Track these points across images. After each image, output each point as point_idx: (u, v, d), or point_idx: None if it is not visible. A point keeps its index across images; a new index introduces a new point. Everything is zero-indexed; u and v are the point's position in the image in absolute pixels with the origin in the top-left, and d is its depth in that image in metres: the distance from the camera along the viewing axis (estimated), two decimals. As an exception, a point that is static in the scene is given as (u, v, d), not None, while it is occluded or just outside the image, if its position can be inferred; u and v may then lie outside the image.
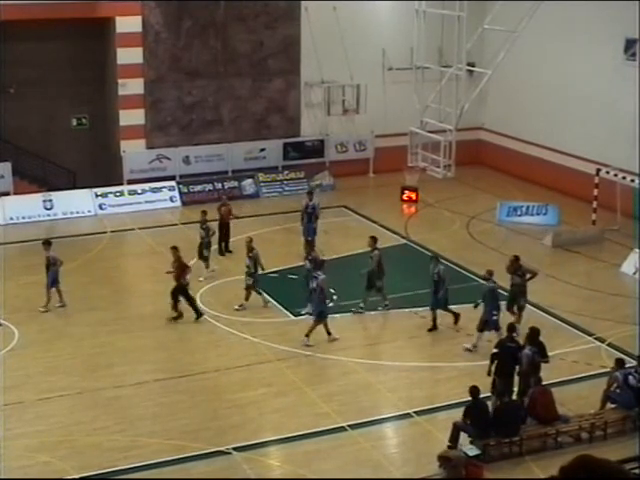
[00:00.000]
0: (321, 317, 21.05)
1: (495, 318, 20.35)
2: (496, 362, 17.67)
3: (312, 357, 20.44)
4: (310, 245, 26.03)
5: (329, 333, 21.04)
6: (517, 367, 17.65)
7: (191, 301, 22.20)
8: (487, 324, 20.33)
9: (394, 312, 22.91)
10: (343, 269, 26.28)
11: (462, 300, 22.92)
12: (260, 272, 23.12)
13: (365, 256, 23.24)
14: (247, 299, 22.68)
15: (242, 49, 33.70)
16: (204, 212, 25.64)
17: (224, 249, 26.99)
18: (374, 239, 23.06)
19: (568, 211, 30.22)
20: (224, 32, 33.32)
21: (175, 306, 22.00)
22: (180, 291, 22.00)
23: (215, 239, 25.98)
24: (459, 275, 25.16)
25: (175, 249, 22.66)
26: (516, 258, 21.40)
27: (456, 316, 21.74)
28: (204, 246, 25.02)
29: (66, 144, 33.18)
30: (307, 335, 20.81)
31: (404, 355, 20.63)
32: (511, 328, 18.23)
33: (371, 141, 35.72)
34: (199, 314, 22.12)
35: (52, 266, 22.49)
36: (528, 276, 21.32)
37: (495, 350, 17.96)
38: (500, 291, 21.19)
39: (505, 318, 20.24)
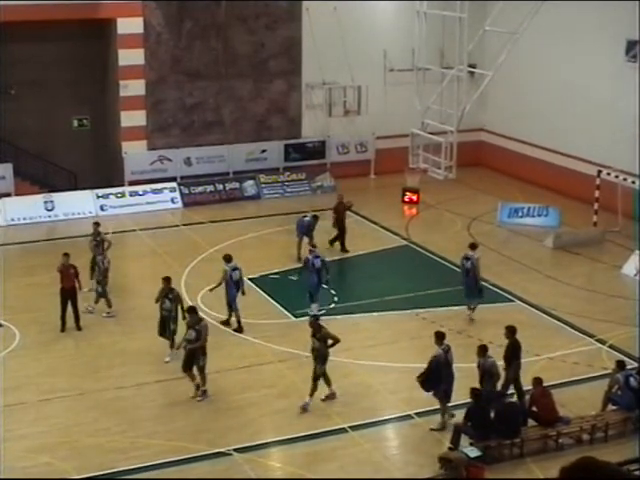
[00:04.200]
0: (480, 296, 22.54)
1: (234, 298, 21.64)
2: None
3: (313, 358, 20.42)
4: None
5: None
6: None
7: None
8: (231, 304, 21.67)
9: (395, 313, 22.92)
10: (344, 270, 26.33)
11: (462, 302, 22.93)
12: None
13: (366, 257, 23.25)
14: None
15: (243, 50, 33.72)
16: (96, 224, 24.25)
17: (341, 248, 27.01)
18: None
19: (569, 212, 30.22)
20: (225, 33, 33.35)
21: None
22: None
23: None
24: (460, 276, 25.14)
25: None
26: (316, 318, 19.15)
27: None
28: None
29: (67, 145, 33.20)
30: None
31: (405, 356, 20.59)
32: (441, 335, 17.92)
33: (372, 142, 35.72)
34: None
35: None
36: (330, 342, 18.25)
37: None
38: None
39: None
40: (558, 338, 21.50)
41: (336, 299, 23.66)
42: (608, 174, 28.83)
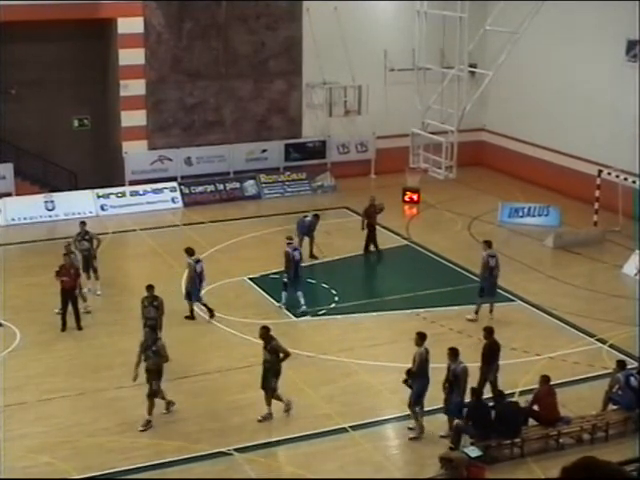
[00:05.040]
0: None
1: (197, 290, 22.16)
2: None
3: (313, 358, 20.42)
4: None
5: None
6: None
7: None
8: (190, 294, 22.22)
9: (395, 313, 22.91)
10: (344, 270, 26.29)
11: (463, 301, 22.94)
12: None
13: (366, 256, 23.22)
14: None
15: (243, 50, 33.72)
16: (83, 223, 24.05)
17: (374, 249, 26.84)
18: None
19: (569, 212, 30.22)
20: (225, 33, 33.35)
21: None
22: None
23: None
24: (460, 276, 25.18)
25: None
26: (266, 330, 17.84)
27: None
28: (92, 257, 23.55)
29: (68, 145, 33.21)
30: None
31: (406, 356, 20.50)
32: (423, 336, 17.90)
33: (372, 142, 35.72)
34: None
35: None
36: (281, 356, 17.66)
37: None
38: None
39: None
40: (558, 338, 21.49)
41: (336, 299, 23.66)
42: (609, 174, 28.83)
